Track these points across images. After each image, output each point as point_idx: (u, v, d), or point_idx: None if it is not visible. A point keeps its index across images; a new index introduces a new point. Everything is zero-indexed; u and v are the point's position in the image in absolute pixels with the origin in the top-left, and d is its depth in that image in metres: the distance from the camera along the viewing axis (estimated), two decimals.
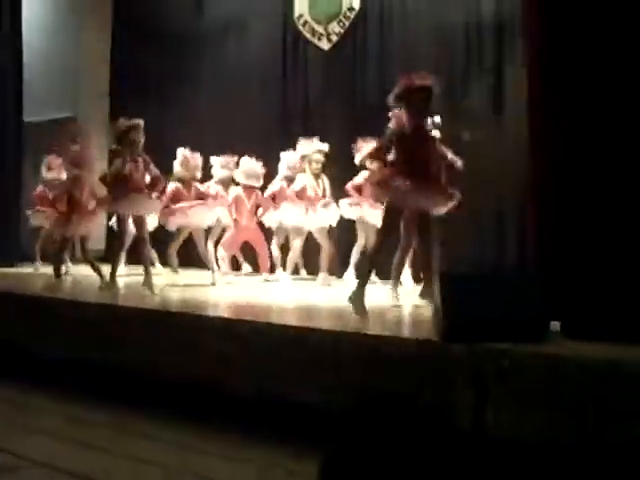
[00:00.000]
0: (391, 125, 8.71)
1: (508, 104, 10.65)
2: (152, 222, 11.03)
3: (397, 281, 8.20)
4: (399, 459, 1.39)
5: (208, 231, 11.40)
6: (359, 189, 10.79)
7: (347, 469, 1.41)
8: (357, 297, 7.14)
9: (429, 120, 7.96)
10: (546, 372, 5.11)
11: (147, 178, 9.51)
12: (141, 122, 9.42)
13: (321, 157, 10.92)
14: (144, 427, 6.80)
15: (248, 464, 5.85)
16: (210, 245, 11.42)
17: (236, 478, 5.66)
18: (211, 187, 11.37)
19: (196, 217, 10.66)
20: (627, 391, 4.82)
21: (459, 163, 8.67)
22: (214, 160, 11.67)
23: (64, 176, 12.66)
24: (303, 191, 10.81)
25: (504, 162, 10.59)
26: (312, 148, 10.91)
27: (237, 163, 11.59)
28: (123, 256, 11.47)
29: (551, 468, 5.25)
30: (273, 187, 11.28)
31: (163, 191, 10.14)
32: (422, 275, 8.17)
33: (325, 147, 10.99)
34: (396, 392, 5.57)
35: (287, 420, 6.48)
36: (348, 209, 10.80)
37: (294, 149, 11.14)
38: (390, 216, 7.11)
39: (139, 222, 9.50)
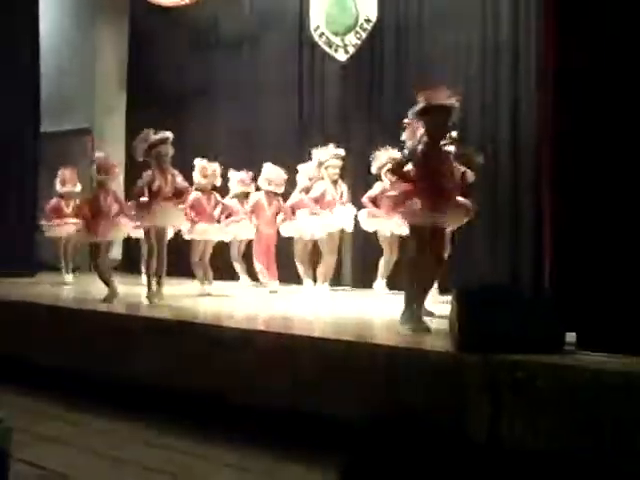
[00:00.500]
0: (405, 135, 8.73)
1: (523, 117, 10.64)
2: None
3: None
4: (414, 473, 1.40)
5: (227, 244, 11.50)
6: (374, 200, 10.77)
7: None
8: (410, 317, 7.09)
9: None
10: (561, 383, 5.11)
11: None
12: (170, 135, 9.50)
13: (338, 162, 10.90)
14: (150, 435, 6.84)
15: (263, 476, 5.87)
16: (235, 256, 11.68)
17: None
18: (226, 201, 11.47)
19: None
20: None
21: (472, 178, 8.69)
22: (232, 175, 11.69)
23: (78, 189, 12.75)
24: (322, 197, 10.80)
25: (520, 172, 10.59)
26: (328, 154, 10.90)
27: (254, 178, 11.61)
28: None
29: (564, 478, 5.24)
30: (292, 199, 11.23)
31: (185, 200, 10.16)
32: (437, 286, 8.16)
33: (341, 152, 10.97)
34: (411, 407, 5.58)
35: (300, 432, 6.49)
36: (366, 221, 10.80)
37: (311, 161, 11.14)
38: (416, 234, 7.04)
39: (161, 234, 9.53)
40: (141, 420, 7.20)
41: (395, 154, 10.43)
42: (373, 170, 10.70)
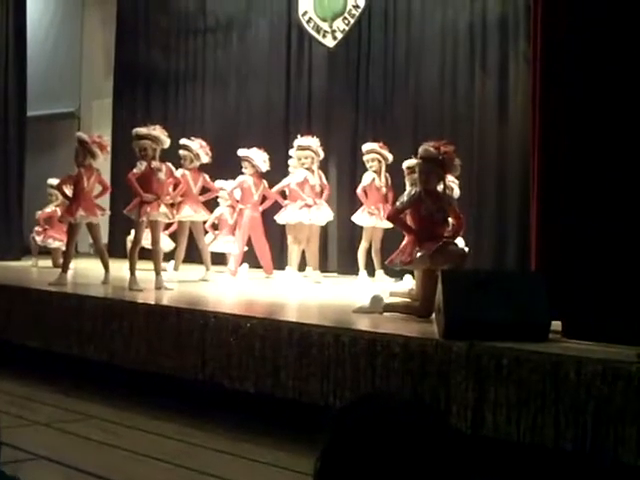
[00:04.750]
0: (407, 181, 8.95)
1: (511, 102, 10.65)
2: None
3: None
4: (395, 457, 1.38)
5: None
6: (365, 193, 10.79)
7: (343, 465, 1.40)
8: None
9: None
10: (546, 371, 5.11)
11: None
12: (161, 135, 9.53)
13: (304, 153, 10.89)
14: (144, 421, 6.84)
15: (254, 462, 5.88)
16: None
17: (238, 475, 5.67)
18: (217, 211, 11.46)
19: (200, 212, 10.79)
20: (626, 392, 4.81)
21: (457, 194, 9.21)
22: (223, 184, 11.52)
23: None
24: (302, 185, 10.78)
25: (507, 160, 10.61)
26: (295, 144, 10.95)
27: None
28: None
29: (547, 469, 5.25)
30: (280, 184, 11.18)
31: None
32: None
33: (305, 142, 10.95)
34: (393, 390, 5.58)
35: (286, 417, 6.50)
36: (363, 217, 10.80)
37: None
38: (429, 276, 7.07)
39: (154, 226, 9.49)
40: (134, 406, 7.20)
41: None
42: (358, 191, 10.79)
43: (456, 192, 9.31)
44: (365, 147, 10.95)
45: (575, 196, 5.94)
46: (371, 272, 10.82)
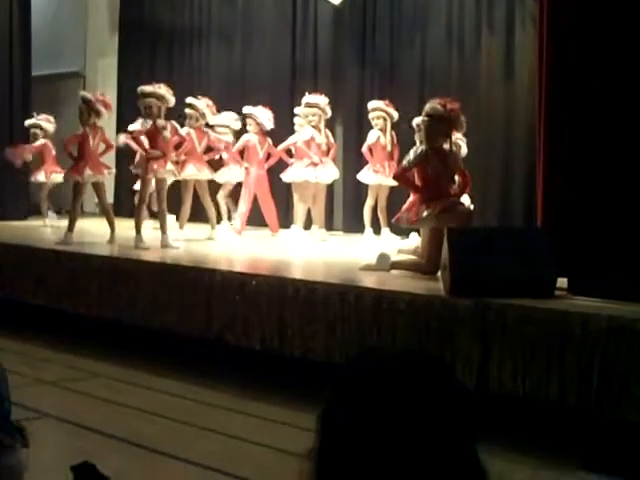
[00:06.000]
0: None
1: (518, 60, 10.58)
2: None
3: None
4: (398, 410, 1.37)
5: (218, 185, 11.41)
6: (370, 151, 10.75)
7: (345, 420, 1.39)
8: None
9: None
10: (551, 328, 5.11)
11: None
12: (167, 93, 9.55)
13: (312, 110, 10.82)
14: (149, 379, 6.87)
15: (260, 419, 5.90)
16: (220, 199, 11.51)
17: (244, 432, 5.70)
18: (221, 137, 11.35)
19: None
20: (631, 349, 4.81)
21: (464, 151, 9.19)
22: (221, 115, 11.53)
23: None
24: (309, 143, 10.73)
25: (513, 118, 10.55)
26: (303, 102, 10.86)
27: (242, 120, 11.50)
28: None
29: (551, 423, 5.27)
30: (286, 142, 11.14)
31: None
32: None
33: (313, 99, 10.87)
34: (398, 346, 5.58)
35: (292, 374, 6.52)
36: (368, 175, 10.77)
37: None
38: (435, 234, 7.02)
39: (161, 184, 9.50)
40: (140, 364, 7.23)
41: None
42: (363, 149, 10.75)
43: (464, 150, 9.27)
44: (371, 105, 10.89)
45: (581, 153, 5.92)
46: (377, 230, 10.79)
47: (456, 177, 7.34)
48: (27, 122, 12.80)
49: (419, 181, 7.23)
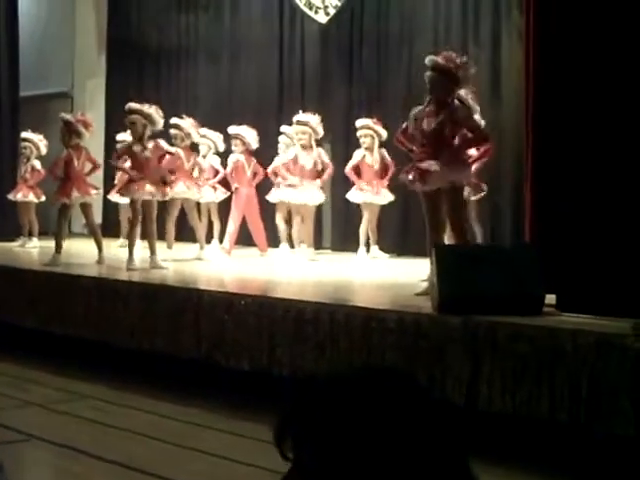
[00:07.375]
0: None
1: (504, 76, 10.59)
2: None
3: None
4: (356, 425, 1.34)
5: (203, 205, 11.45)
6: (357, 170, 10.73)
7: (302, 431, 1.36)
8: None
9: None
10: (541, 345, 5.10)
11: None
12: (155, 114, 9.51)
13: (302, 128, 10.78)
14: (136, 400, 6.84)
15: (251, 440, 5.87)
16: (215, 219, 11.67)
17: (235, 453, 5.67)
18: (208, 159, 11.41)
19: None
20: (620, 364, 4.80)
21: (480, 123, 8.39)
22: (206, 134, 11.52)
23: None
24: (295, 163, 10.71)
25: (501, 134, 10.54)
26: (294, 121, 10.83)
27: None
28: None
29: (542, 440, 5.25)
30: (273, 164, 11.16)
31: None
32: None
33: (305, 117, 10.84)
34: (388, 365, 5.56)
35: (282, 394, 6.48)
36: (355, 195, 10.75)
37: (290, 124, 11.05)
38: (429, 199, 6.91)
39: (146, 206, 9.42)
40: (129, 385, 7.19)
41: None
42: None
43: (476, 109, 8.59)
44: (359, 123, 10.88)
45: (569, 169, 5.91)
46: (367, 248, 10.81)
47: (468, 134, 7.17)
48: (24, 134, 12.78)
49: (421, 137, 7.05)
